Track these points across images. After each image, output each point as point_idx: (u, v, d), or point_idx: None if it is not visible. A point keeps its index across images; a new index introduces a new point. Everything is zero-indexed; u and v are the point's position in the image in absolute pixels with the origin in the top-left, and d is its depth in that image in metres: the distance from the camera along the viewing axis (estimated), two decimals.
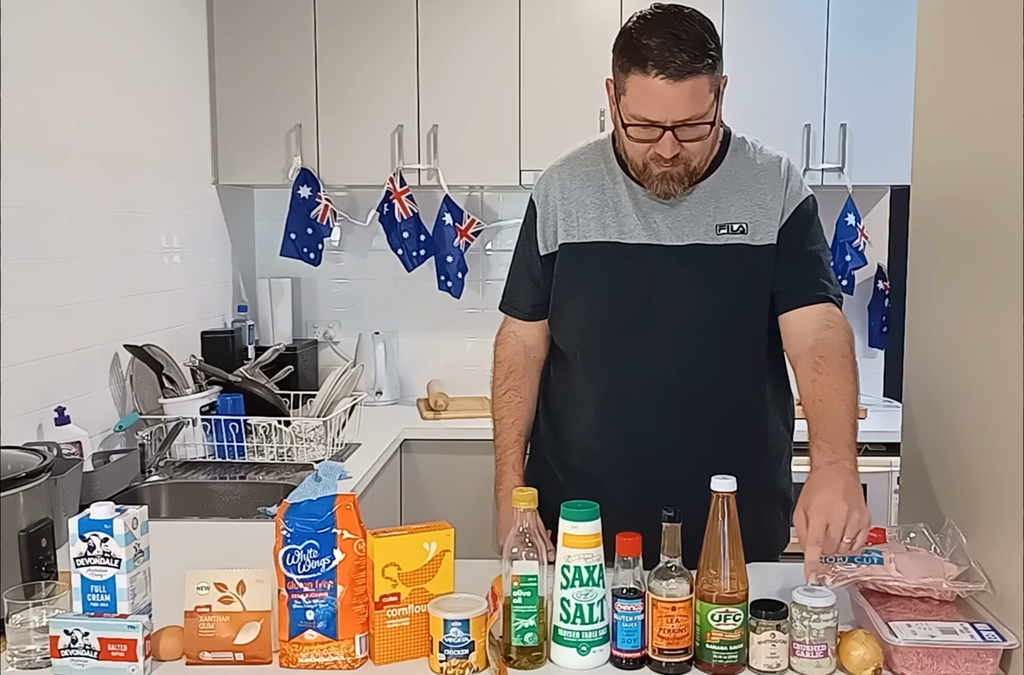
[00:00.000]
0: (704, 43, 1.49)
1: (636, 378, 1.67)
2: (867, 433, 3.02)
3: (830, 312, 1.64)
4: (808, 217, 1.69)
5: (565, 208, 1.70)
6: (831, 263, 1.74)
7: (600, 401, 1.71)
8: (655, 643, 1.26)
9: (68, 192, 2.37)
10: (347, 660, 1.29)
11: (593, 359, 1.71)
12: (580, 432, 1.75)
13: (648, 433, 1.68)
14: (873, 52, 3.16)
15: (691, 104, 1.49)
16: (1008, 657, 1.24)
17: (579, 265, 1.69)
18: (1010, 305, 1.27)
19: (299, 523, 1.28)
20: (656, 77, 1.47)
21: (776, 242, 1.65)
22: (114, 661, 1.23)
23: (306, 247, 3.36)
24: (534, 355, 1.80)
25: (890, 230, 3.58)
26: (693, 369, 1.66)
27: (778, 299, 1.66)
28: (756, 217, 1.65)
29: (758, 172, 1.67)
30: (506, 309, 1.83)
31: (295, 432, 2.62)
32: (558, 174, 1.73)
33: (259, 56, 3.26)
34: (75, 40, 2.40)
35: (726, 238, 1.64)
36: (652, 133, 1.52)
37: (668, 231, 1.65)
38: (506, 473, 1.76)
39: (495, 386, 1.81)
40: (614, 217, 1.67)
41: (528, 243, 1.76)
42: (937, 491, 1.53)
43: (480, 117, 3.25)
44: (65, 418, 2.20)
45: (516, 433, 1.78)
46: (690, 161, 1.57)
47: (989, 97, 1.36)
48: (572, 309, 1.72)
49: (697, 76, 1.48)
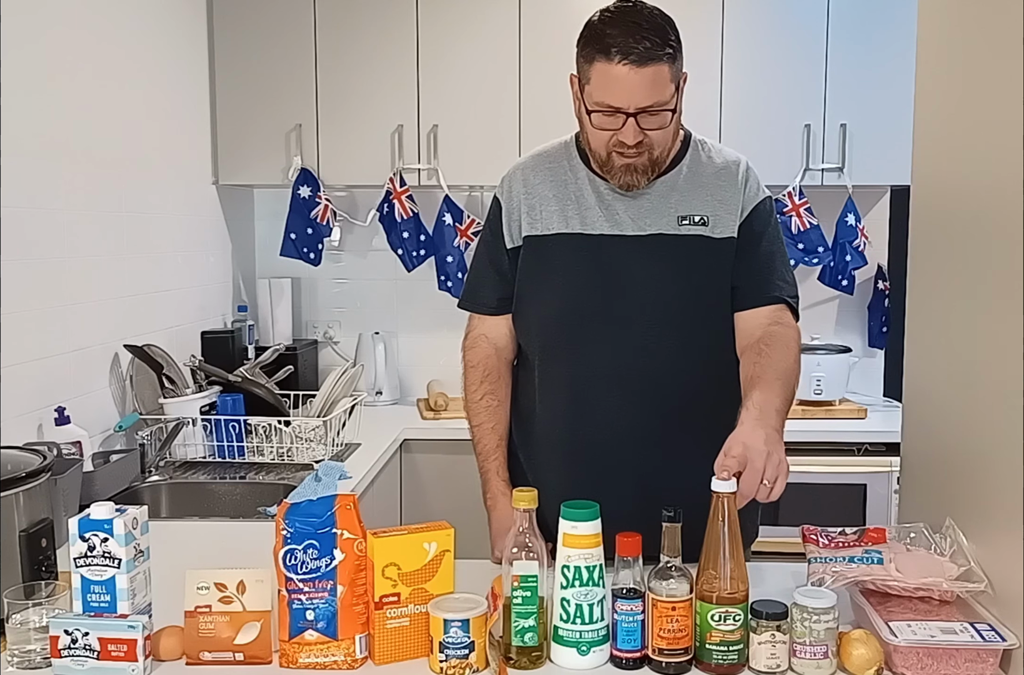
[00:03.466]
0: (666, 33, 1.54)
1: (600, 367, 1.68)
2: (867, 433, 3.08)
3: (781, 312, 1.69)
4: (765, 217, 1.72)
5: (528, 202, 1.73)
6: (789, 264, 1.76)
7: (565, 392, 1.72)
8: (655, 643, 1.26)
9: (68, 192, 2.37)
10: (347, 660, 1.29)
11: (557, 350, 1.72)
12: (546, 424, 1.75)
13: (613, 422, 1.69)
14: (873, 52, 3.16)
15: (653, 90, 1.53)
16: (1008, 657, 1.24)
17: (542, 257, 1.72)
18: (1010, 305, 1.27)
19: (299, 523, 1.28)
20: (619, 63, 1.51)
21: (736, 237, 1.68)
22: (114, 661, 1.24)
23: (306, 247, 3.36)
24: (505, 357, 1.81)
25: (890, 230, 3.58)
26: (656, 357, 1.67)
27: (734, 297, 1.69)
28: (716, 211, 1.68)
29: (718, 170, 1.71)
30: (467, 305, 1.83)
31: (295, 432, 2.62)
32: (521, 171, 1.77)
33: (259, 56, 3.26)
34: (75, 40, 2.40)
35: (687, 229, 1.67)
36: (615, 121, 1.56)
37: (630, 221, 1.68)
38: (491, 480, 1.76)
39: (469, 391, 1.80)
40: (576, 209, 1.70)
41: (494, 239, 1.78)
42: (937, 491, 1.53)
43: (480, 117, 3.24)
44: (65, 418, 2.20)
45: (497, 438, 1.78)
46: (652, 150, 1.61)
47: (989, 97, 1.36)
48: (536, 300, 1.73)
49: (659, 63, 1.52)
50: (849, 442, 3.06)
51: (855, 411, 3.26)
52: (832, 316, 3.65)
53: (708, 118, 3.21)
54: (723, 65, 3.21)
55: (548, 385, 1.74)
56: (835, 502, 3.00)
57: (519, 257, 1.74)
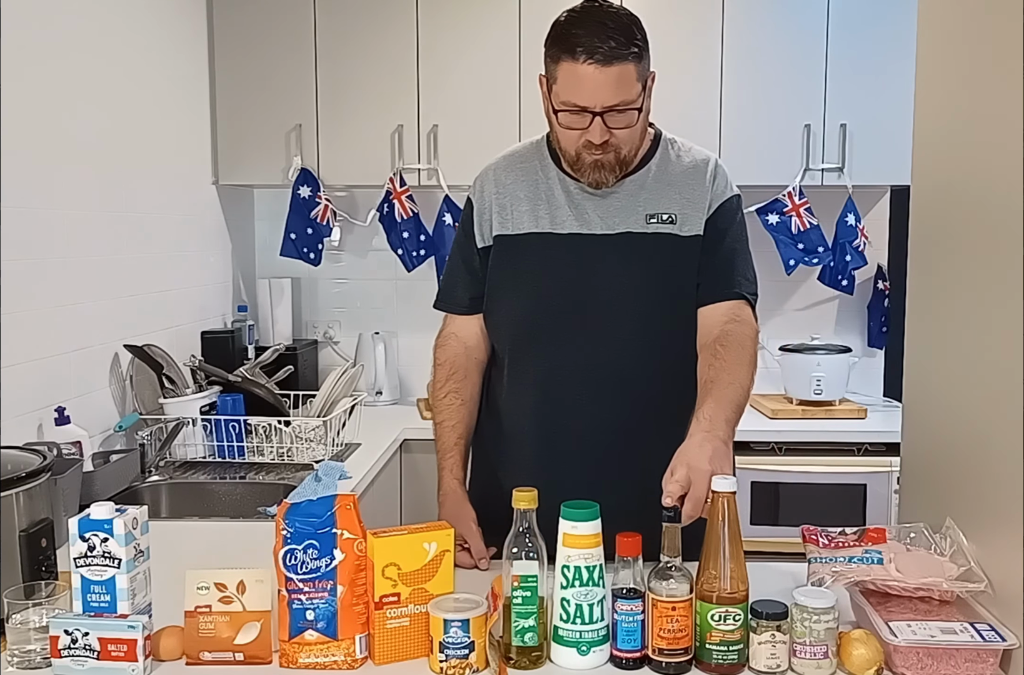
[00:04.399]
0: (631, 33, 1.55)
1: (570, 364, 1.70)
2: (867, 433, 3.07)
3: (739, 308, 1.69)
4: (731, 214, 1.72)
5: (500, 202, 1.75)
6: (751, 262, 1.75)
7: (534, 389, 1.73)
8: (655, 643, 1.26)
9: (68, 192, 2.37)
10: (347, 660, 1.29)
11: (527, 347, 1.73)
12: (515, 421, 1.76)
13: (582, 419, 1.70)
14: (873, 52, 3.16)
15: (619, 89, 1.55)
16: (1008, 657, 1.24)
17: (513, 255, 1.73)
18: (1010, 305, 1.26)
19: (299, 523, 1.28)
20: (585, 63, 1.53)
21: (702, 234, 1.69)
22: (114, 661, 1.23)
23: (306, 247, 3.36)
24: (475, 357, 1.81)
25: (890, 230, 3.58)
26: (625, 354, 1.69)
27: (698, 294, 1.70)
28: (684, 209, 1.69)
29: (687, 169, 1.72)
30: (441, 305, 1.85)
31: (295, 432, 2.62)
32: (493, 171, 1.78)
33: (259, 56, 3.26)
34: (75, 40, 2.40)
35: (655, 227, 1.68)
36: (583, 120, 1.58)
37: (599, 221, 1.69)
38: (444, 477, 1.76)
39: (435, 389, 1.82)
40: (547, 209, 1.72)
41: (466, 239, 1.79)
42: (937, 491, 1.53)
43: (480, 117, 3.24)
44: (65, 418, 2.20)
45: (456, 436, 1.78)
46: (620, 148, 1.62)
47: (989, 97, 1.36)
48: (506, 299, 1.75)
49: (624, 62, 1.53)
50: (849, 442, 3.06)
51: (855, 411, 3.26)
52: (832, 316, 3.65)
53: (708, 118, 3.21)
54: (723, 65, 3.21)
55: (517, 382, 1.75)
56: (835, 502, 3.00)
57: (490, 256, 1.75)
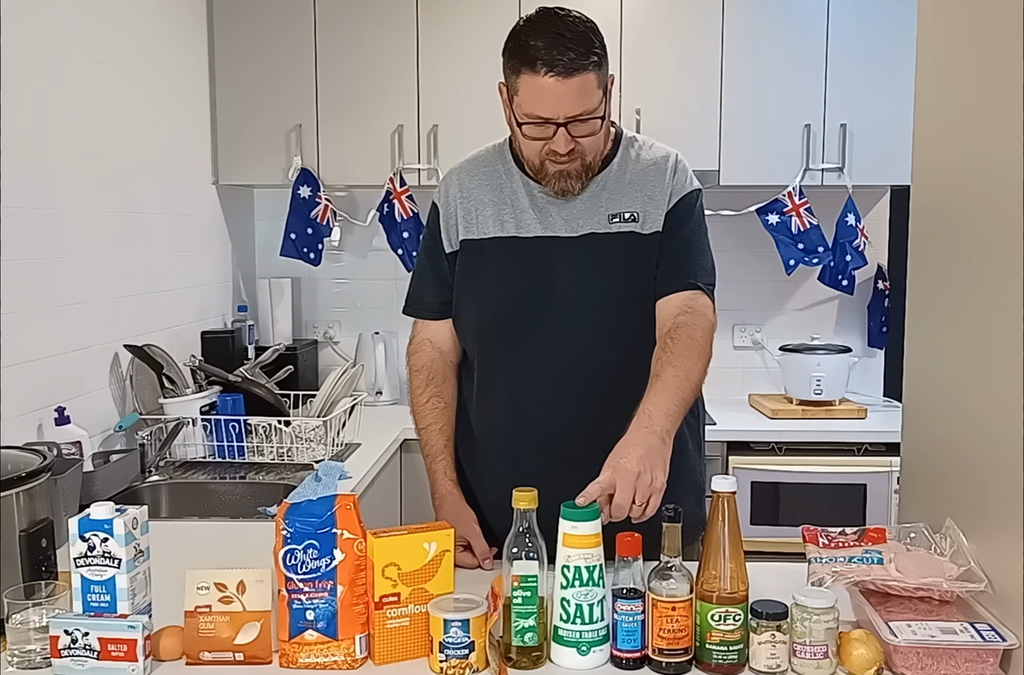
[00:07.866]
0: (589, 42, 1.55)
1: (538, 366, 1.70)
2: (867, 433, 3.07)
3: (693, 299, 1.68)
4: (689, 208, 1.72)
5: (465, 207, 1.75)
6: (709, 254, 1.75)
7: (505, 391, 1.73)
8: (655, 643, 1.26)
9: (68, 192, 2.37)
10: (347, 660, 1.29)
11: (495, 351, 1.74)
12: (485, 424, 1.77)
13: (554, 420, 1.70)
14: (873, 52, 3.16)
15: (580, 100, 1.55)
16: (1008, 657, 1.24)
17: (479, 260, 1.74)
18: (1010, 305, 1.26)
19: (299, 523, 1.28)
20: (546, 75, 1.53)
21: (661, 230, 1.70)
22: (114, 661, 1.23)
23: (306, 247, 3.36)
24: (450, 360, 1.82)
25: (890, 230, 3.58)
26: (592, 355, 1.69)
27: (655, 286, 1.70)
28: (646, 207, 1.70)
29: (648, 166, 1.72)
30: (411, 311, 1.85)
31: (295, 432, 2.62)
32: (457, 176, 1.79)
33: (259, 56, 3.27)
34: (74, 40, 2.40)
35: (618, 226, 1.69)
36: (546, 130, 1.59)
37: (563, 223, 1.70)
38: (438, 481, 1.77)
39: (415, 395, 1.81)
40: (511, 213, 1.72)
41: (433, 244, 1.80)
42: (937, 491, 1.53)
43: (480, 117, 3.23)
44: (65, 418, 2.20)
45: (444, 439, 1.78)
46: (584, 156, 1.63)
47: (989, 97, 1.36)
48: (472, 303, 1.75)
49: (584, 73, 1.54)
50: (849, 442, 3.06)
51: (855, 411, 3.26)
52: (832, 316, 3.65)
53: (708, 118, 3.22)
54: (723, 65, 3.21)
55: (486, 386, 1.76)
56: (835, 502, 3.00)
57: (457, 261, 1.76)
